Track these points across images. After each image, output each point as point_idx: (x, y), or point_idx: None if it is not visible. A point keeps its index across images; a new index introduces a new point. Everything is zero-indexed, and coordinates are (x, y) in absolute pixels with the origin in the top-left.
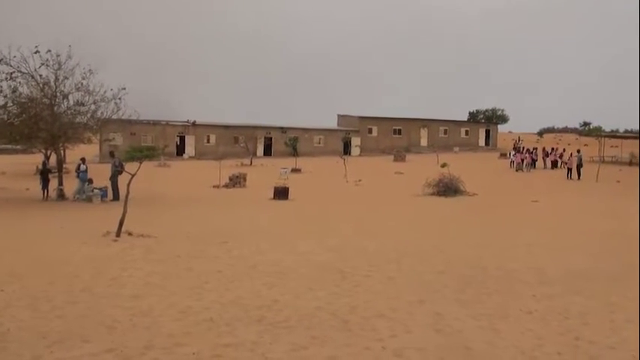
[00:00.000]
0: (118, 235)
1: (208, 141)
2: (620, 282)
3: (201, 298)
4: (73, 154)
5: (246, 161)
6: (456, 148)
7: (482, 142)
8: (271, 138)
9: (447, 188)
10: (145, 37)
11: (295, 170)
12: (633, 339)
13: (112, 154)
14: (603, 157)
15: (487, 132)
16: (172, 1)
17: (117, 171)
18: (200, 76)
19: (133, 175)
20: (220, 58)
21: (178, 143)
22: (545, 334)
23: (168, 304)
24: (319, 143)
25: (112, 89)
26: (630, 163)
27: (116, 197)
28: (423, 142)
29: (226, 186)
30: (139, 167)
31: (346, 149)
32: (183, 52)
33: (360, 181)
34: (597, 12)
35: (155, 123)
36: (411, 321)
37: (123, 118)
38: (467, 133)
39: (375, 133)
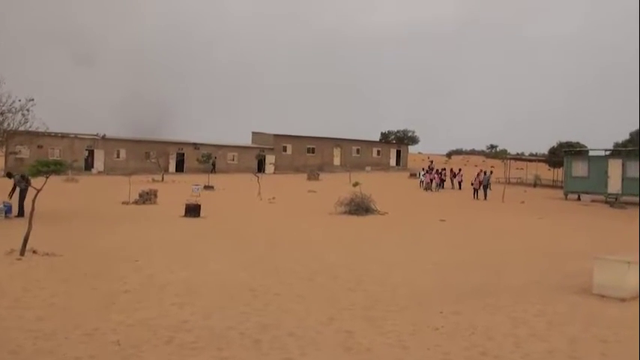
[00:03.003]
0: (22, 253)
1: (118, 156)
2: (523, 297)
3: (107, 320)
4: None
5: (158, 177)
6: (368, 168)
7: (393, 162)
8: (184, 154)
9: (359, 207)
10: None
11: (208, 187)
12: (535, 353)
13: (9, 175)
14: (509, 178)
15: (398, 152)
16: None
17: (25, 187)
18: (109, 86)
19: (38, 191)
20: (132, 66)
21: (87, 157)
22: (452, 349)
23: (73, 326)
24: (233, 160)
25: (19, 100)
26: (535, 185)
27: (21, 213)
28: (336, 161)
29: (136, 202)
30: (45, 182)
31: (260, 167)
32: (96, 62)
33: (273, 199)
34: (505, 37)
35: (63, 136)
36: (321, 339)
37: (30, 130)
38: (379, 153)
39: (289, 151)
